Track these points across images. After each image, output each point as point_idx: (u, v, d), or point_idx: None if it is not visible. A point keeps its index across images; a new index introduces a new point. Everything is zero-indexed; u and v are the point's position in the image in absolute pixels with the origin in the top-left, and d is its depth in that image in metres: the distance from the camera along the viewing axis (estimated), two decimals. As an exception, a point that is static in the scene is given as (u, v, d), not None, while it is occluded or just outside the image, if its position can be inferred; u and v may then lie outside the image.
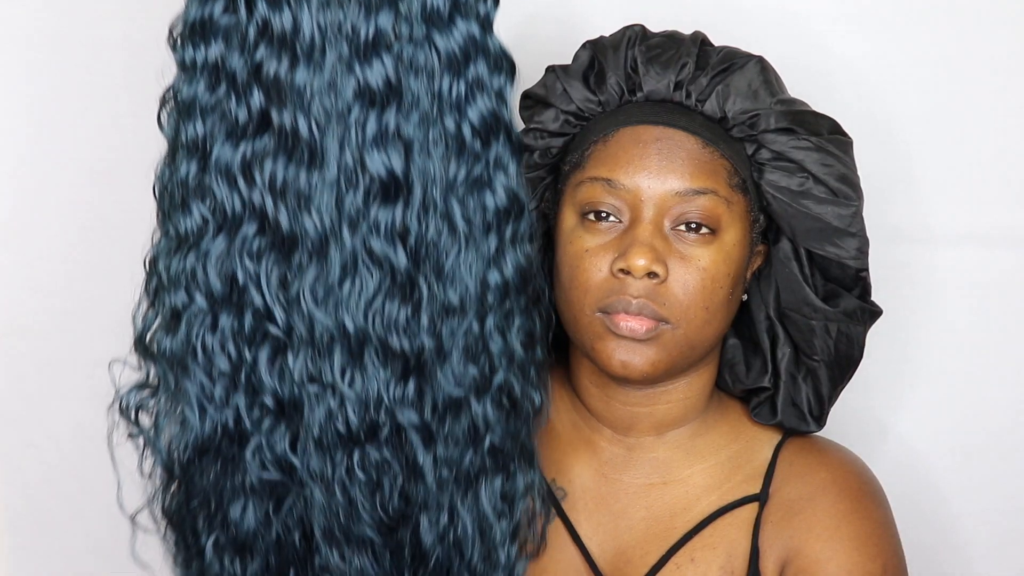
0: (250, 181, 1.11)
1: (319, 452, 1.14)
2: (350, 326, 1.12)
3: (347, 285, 1.11)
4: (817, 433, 1.38)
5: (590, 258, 1.27)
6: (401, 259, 1.12)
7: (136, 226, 1.63)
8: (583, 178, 1.28)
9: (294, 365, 1.13)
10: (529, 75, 1.32)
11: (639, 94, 1.30)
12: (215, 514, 1.19)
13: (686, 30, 1.34)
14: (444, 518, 1.18)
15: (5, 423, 1.71)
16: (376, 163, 1.10)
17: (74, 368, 1.70)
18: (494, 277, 1.16)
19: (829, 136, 1.29)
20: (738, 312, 1.35)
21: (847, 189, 1.29)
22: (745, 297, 1.35)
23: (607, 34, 1.34)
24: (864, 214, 1.31)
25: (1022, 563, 1.60)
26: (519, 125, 1.21)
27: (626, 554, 1.34)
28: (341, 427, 1.13)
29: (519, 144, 1.18)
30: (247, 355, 1.14)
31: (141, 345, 1.20)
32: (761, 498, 1.33)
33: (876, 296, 1.34)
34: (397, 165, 1.10)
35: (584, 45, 1.34)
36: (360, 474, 1.15)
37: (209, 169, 1.12)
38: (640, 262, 1.23)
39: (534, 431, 1.25)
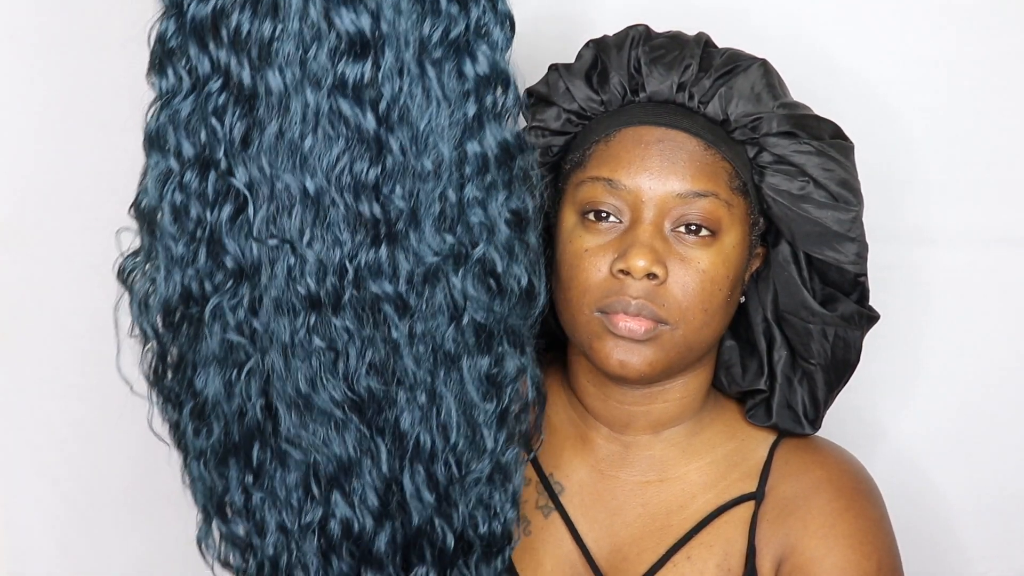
0: (217, 37, 1.10)
1: (278, 315, 1.12)
2: (310, 186, 1.09)
3: (309, 143, 1.09)
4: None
5: (590, 258, 1.27)
6: (370, 121, 1.09)
7: (136, 226, 1.65)
8: (584, 177, 1.29)
9: (254, 223, 1.11)
10: (532, 74, 1.33)
11: (642, 94, 1.30)
12: (183, 380, 1.19)
13: (690, 31, 1.34)
14: (423, 397, 1.16)
15: (5, 423, 1.71)
16: (344, 21, 1.07)
17: (74, 367, 1.70)
18: (473, 147, 1.13)
19: (831, 140, 1.29)
20: (736, 314, 1.35)
21: (847, 194, 1.29)
22: (743, 299, 1.35)
23: (611, 33, 1.34)
24: (863, 215, 1.31)
25: (1021, 563, 1.60)
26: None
27: (622, 551, 1.34)
28: (301, 289, 1.11)
29: (506, 16, 1.15)
30: (209, 216, 1.12)
31: (135, 208, 1.19)
32: (757, 496, 1.34)
33: (875, 296, 1.34)
34: (365, 24, 1.08)
35: (587, 44, 1.34)
36: (318, 340, 1.12)
37: (184, 26, 1.11)
38: (640, 263, 1.24)
39: (530, 319, 1.22)
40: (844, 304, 1.32)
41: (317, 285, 1.11)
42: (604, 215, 1.27)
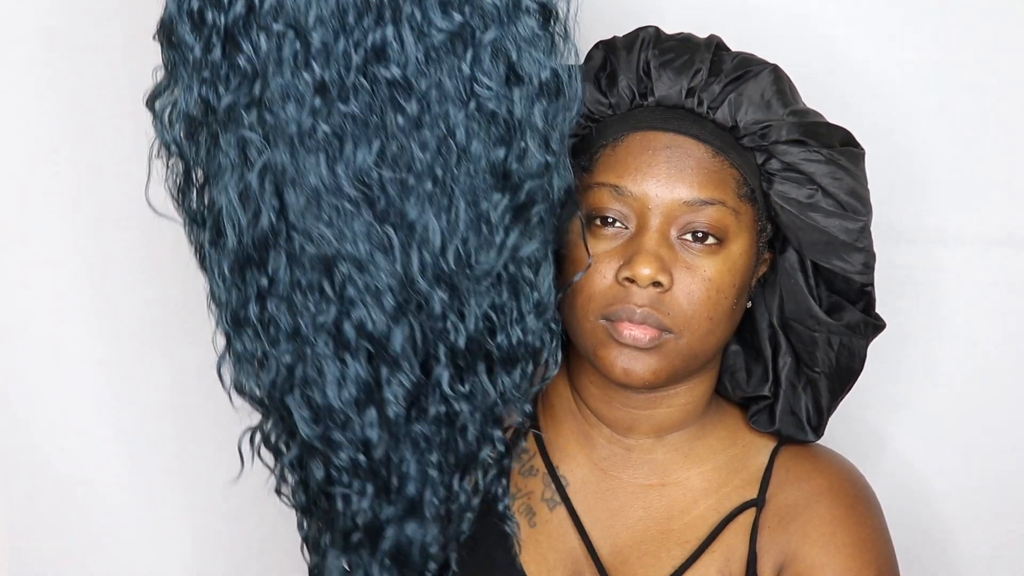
0: None
1: (285, 104, 1.11)
2: None
3: None
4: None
5: (595, 264, 1.26)
6: None
7: (136, 226, 1.64)
8: (591, 183, 1.28)
9: (262, 11, 1.11)
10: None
11: (650, 99, 1.29)
12: (204, 197, 1.19)
13: (701, 32, 1.33)
14: (430, 185, 1.14)
15: (5, 423, 1.71)
16: None
17: (75, 368, 1.70)
18: None
19: (841, 148, 1.28)
20: (742, 319, 1.34)
21: (856, 203, 1.28)
22: (749, 304, 1.35)
23: (621, 34, 1.33)
24: (871, 223, 1.30)
25: (1018, 574, 1.60)
26: None
27: (623, 553, 1.34)
28: (307, 75, 1.10)
29: None
30: (222, 19, 1.12)
31: (160, 26, 1.18)
32: (758, 503, 1.34)
33: (883, 297, 1.34)
34: None
35: (597, 45, 1.33)
36: (324, 127, 1.11)
37: None
38: (645, 271, 1.23)
39: (566, 119, 1.19)
40: (850, 313, 1.31)
41: (322, 69, 1.10)
42: (610, 221, 1.26)
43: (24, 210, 1.66)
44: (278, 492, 1.29)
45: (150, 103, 1.19)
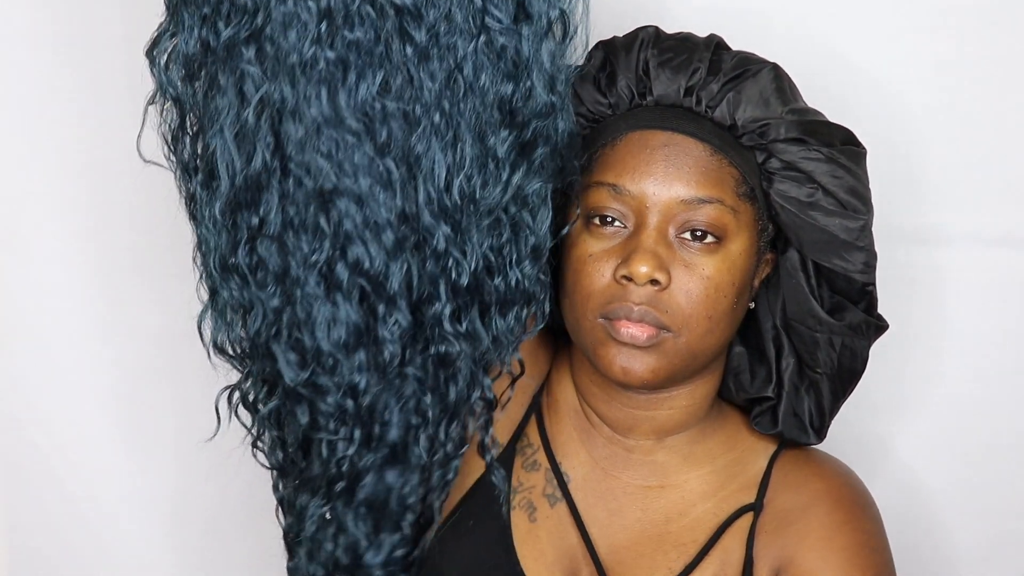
0: None
1: (287, 32, 1.11)
2: None
3: None
4: (812, 445, 1.37)
5: (593, 263, 1.26)
6: None
7: (136, 226, 1.64)
8: (589, 182, 1.27)
9: None
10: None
11: (649, 98, 1.29)
12: (196, 142, 1.19)
13: (702, 33, 1.32)
14: (437, 118, 1.14)
15: (5, 423, 1.70)
16: None
17: (74, 368, 1.70)
18: None
19: (841, 147, 1.27)
20: (746, 320, 1.34)
21: (856, 202, 1.27)
22: (752, 305, 1.34)
23: (621, 35, 1.33)
24: (873, 222, 1.29)
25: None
26: None
27: (619, 553, 1.33)
28: (312, 5, 1.10)
29: None
30: None
31: None
32: (756, 507, 1.33)
33: (885, 297, 1.33)
34: None
35: (597, 45, 1.33)
36: (328, 52, 1.11)
37: None
38: (642, 269, 1.22)
39: (567, 70, 1.21)
40: (852, 313, 1.30)
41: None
42: (609, 220, 1.26)
43: (24, 210, 1.66)
44: (254, 451, 1.29)
45: (149, 52, 1.18)
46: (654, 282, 1.23)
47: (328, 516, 1.24)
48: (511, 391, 1.31)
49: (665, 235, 1.24)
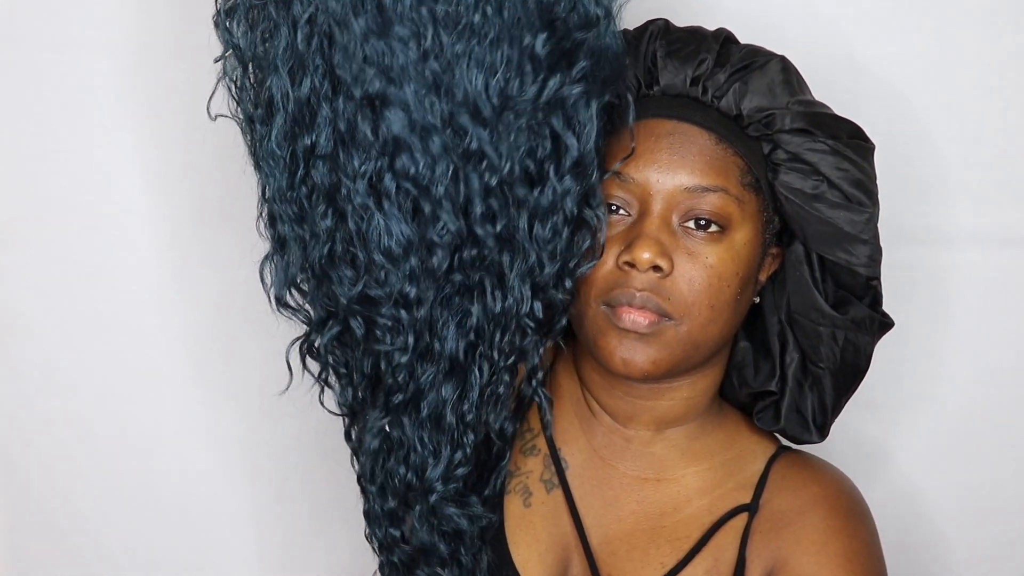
0: None
1: None
2: None
3: None
4: (810, 451, 1.37)
5: None
6: None
7: (136, 226, 1.65)
8: None
9: None
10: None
11: (656, 88, 1.29)
12: (260, 93, 1.23)
13: (710, 27, 1.32)
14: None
15: (5, 423, 1.71)
16: None
17: (74, 368, 1.70)
18: None
19: (848, 140, 1.27)
20: (751, 316, 1.34)
21: (861, 195, 1.27)
22: (757, 300, 1.34)
23: (632, 28, 1.33)
24: (879, 217, 1.29)
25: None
26: None
27: (611, 544, 1.33)
28: None
29: None
30: None
31: None
32: (751, 508, 1.33)
33: (892, 297, 1.32)
34: None
35: None
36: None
37: None
38: (645, 255, 1.22)
39: None
40: (856, 308, 1.30)
41: None
42: (614, 208, 1.26)
43: (24, 210, 1.67)
44: (321, 399, 1.33)
45: (219, 17, 1.23)
46: (657, 269, 1.23)
47: (396, 436, 1.27)
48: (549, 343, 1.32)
49: (669, 223, 1.24)
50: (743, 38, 1.32)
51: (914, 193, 1.52)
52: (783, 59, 1.29)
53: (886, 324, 1.32)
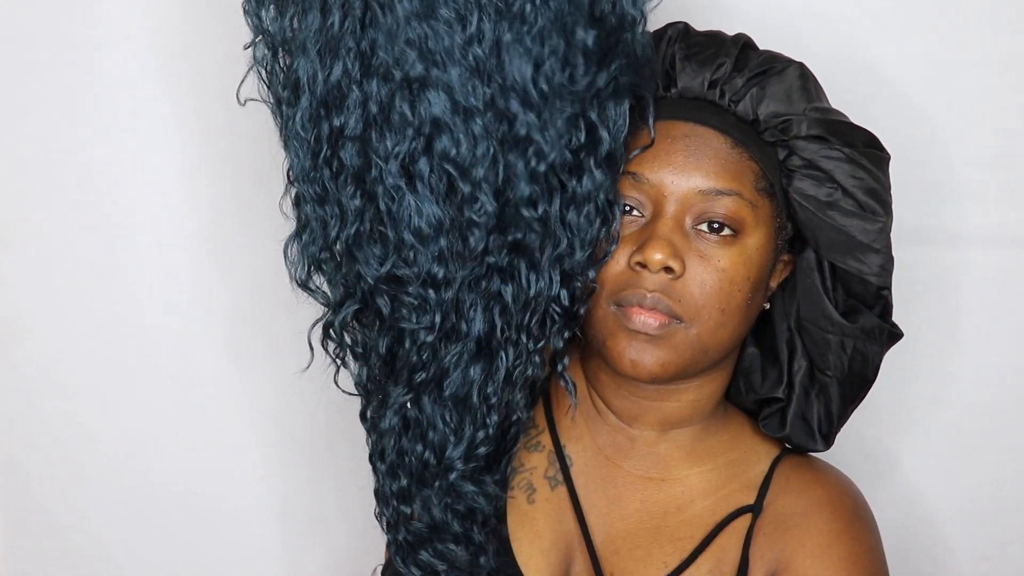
0: None
1: None
2: None
3: None
4: (814, 455, 1.37)
5: None
6: None
7: (136, 226, 1.65)
8: None
9: None
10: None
11: (673, 90, 1.29)
12: (289, 74, 1.23)
13: (730, 31, 1.32)
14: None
15: (5, 423, 1.71)
16: None
17: (74, 368, 1.70)
18: None
19: (863, 149, 1.27)
20: (760, 322, 1.34)
21: (875, 204, 1.27)
22: (767, 306, 1.34)
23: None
24: (891, 227, 1.29)
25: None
26: None
27: (615, 543, 1.33)
28: None
29: None
30: None
31: None
32: (755, 509, 1.33)
33: (900, 300, 1.32)
34: None
35: None
36: None
37: None
38: (657, 256, 1.22)
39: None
40: (866, 317, 1.30)
41: None
42: (628, 209, 1.26)
43: (24, 210, 1.67)
44: (336, 379, 1.33)
45: (248, 4, 1.24)
46: (668, 270, 1.23)
47: (414, 415, 1.28)
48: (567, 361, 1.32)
49: (682, 225, 1.24)
50: (759, 44, 1.32)
51: (920, 193, 1.52)
52: (801, 65, 1.29)
53: (895, 335, 1.32)
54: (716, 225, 1.24)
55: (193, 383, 1.71)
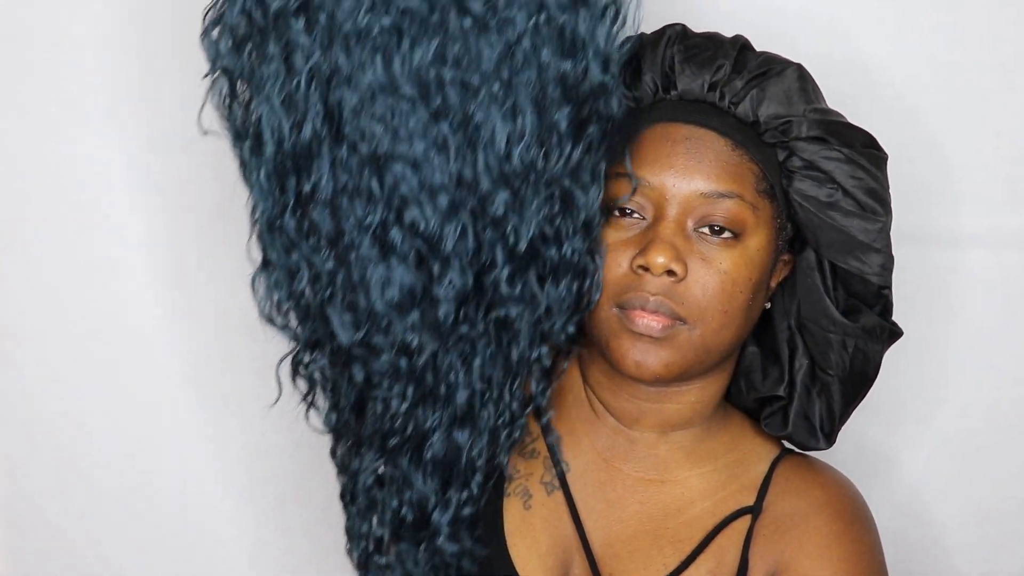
0: None
1: (342, 4, 1.14)
2: None
3: None
4: (814, 454, 1.38)
5: (611, 253, 1.26)
6: None
7: (136, 225, 1.65)
8: (610, 173, 1.27)
9: None
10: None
11: (673, 92, 1.29)
12: (248, 110, 1.20)
13: (726, 33, 1.33)
14: (497, 87, 1.16)
15: (5, 423, 1.71)
16: None
17: (74, 368, 1.70)
18: None
19: (862, 149, 1.28)
20: (761, 322, 1.34)
21: (875, 204, 1.27)
22: (768, 305, 1.34)
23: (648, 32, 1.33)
24: (891, 226, 1.29)
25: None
26: None
27: (614, 547, 1.33)
28: None
29: None
30: None
31: None
32: (755, 510, 1.33)
33: (899, 301, 1.33)
34: None
35: (624, 41, 1.33)
36: (384, 19, 1.13)
37: None
38: (659, 259, 1.23)
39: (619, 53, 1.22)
40: (867, 316, 1.30)
41: None
42: (628, 211, 1.26)
43: (25, 210, 1.67)
44: (307, 417, 1.32)
45: (204, 32, 1.21)
46: (671, 273, 1.23)
47: (390, 472, 1.27)
48: (566, 363, 1.33)
49: (683, 227, 1.25)
50: (755, 46, 1.32)
51: (918, 194, 1.52)
52: (800, 67, 1.30)
53: (895, 333, 1.33)
54: (717, 228, 1.25)
55: (193, 385, 1.71)
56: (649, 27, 1.34)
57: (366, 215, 1.17)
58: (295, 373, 1.30)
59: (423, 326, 1.20)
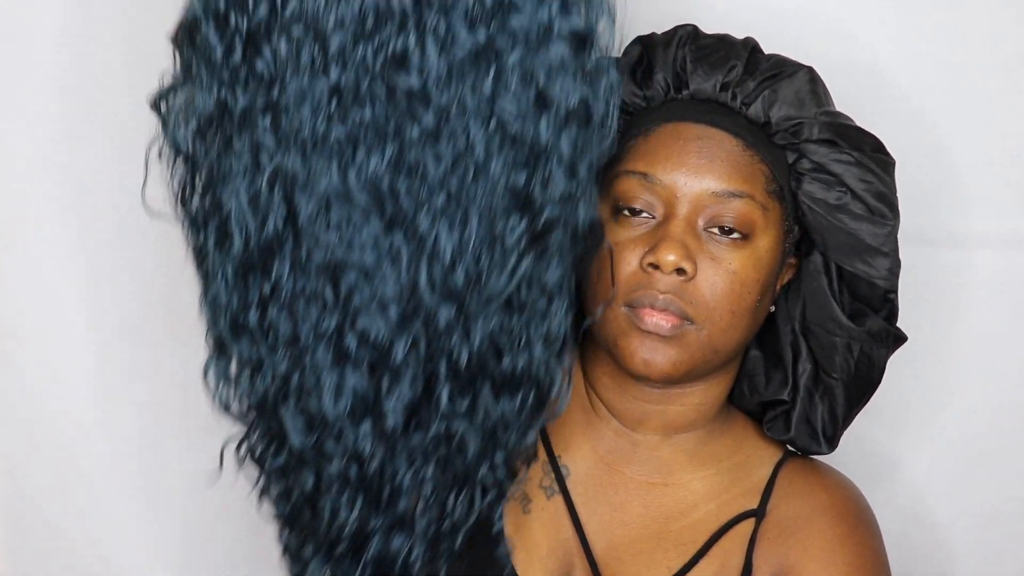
0: None
1: (299, 108, 1.11)
2: None
3: None
4: (817, 458, 1.38)
5: (620, 251, 1.26)
6: None
7: (136, 226, 1.64)
8: (620, 171, 1.28)
9: (285, 13, 1.11)
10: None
11: (685, 92, 1.30)
12: (210, 198, 1.17)
13: (735, 34, 1.34)
14: (443, 199, 1.12)
15: (5, 423, 1.70)
16: None
17: (74, 368, 1.69)
18: None
19: (871, 153, 1.28)
20: (764, 325, 1.34)
21: (884, 208, 1.28)
22: (772, 309, 1.34)
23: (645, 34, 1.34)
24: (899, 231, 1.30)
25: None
26: None
27: (617, 550, 1.33)
28: (321, 81, 1.10)
29: None
30: (245, 22, 1.12)
31: (179, 29, 1.18)
32: (758, 513, 1.33)
33: (904, 302, 1.33)
34: None
35: (635, 40, 1.34)
36: (338, 130, 1.10)
37: None
38: (670, 257, 1.23)
39: (598, 150, 1.17)
40: (872, 320, 1.31)
41: (339, 74, 1.10)
42: (638, 210, 1.27)
43: (25, 210, 1.65)
44: (260, 501, 1.28)
45: (156, 104, 1.18)
46: (680, 272, 1.23)
47: (333, 570, 1.25)
48: (527, 470, 1.30)
49: (694, 226, 1.25)
50: (763, 48, 1.33)
51: (924, 196, 1.52)
52: (811, 70, 1.31)
53: (900, 338, 1.33)
54: (727, 228, 1.25)
55: (193, 385, 1.69)
56: (649, 27, 1.35)
57: (321, 320, 1.15)
58: (249, 457, 1.26)
59: (374, 435, 1.17)
